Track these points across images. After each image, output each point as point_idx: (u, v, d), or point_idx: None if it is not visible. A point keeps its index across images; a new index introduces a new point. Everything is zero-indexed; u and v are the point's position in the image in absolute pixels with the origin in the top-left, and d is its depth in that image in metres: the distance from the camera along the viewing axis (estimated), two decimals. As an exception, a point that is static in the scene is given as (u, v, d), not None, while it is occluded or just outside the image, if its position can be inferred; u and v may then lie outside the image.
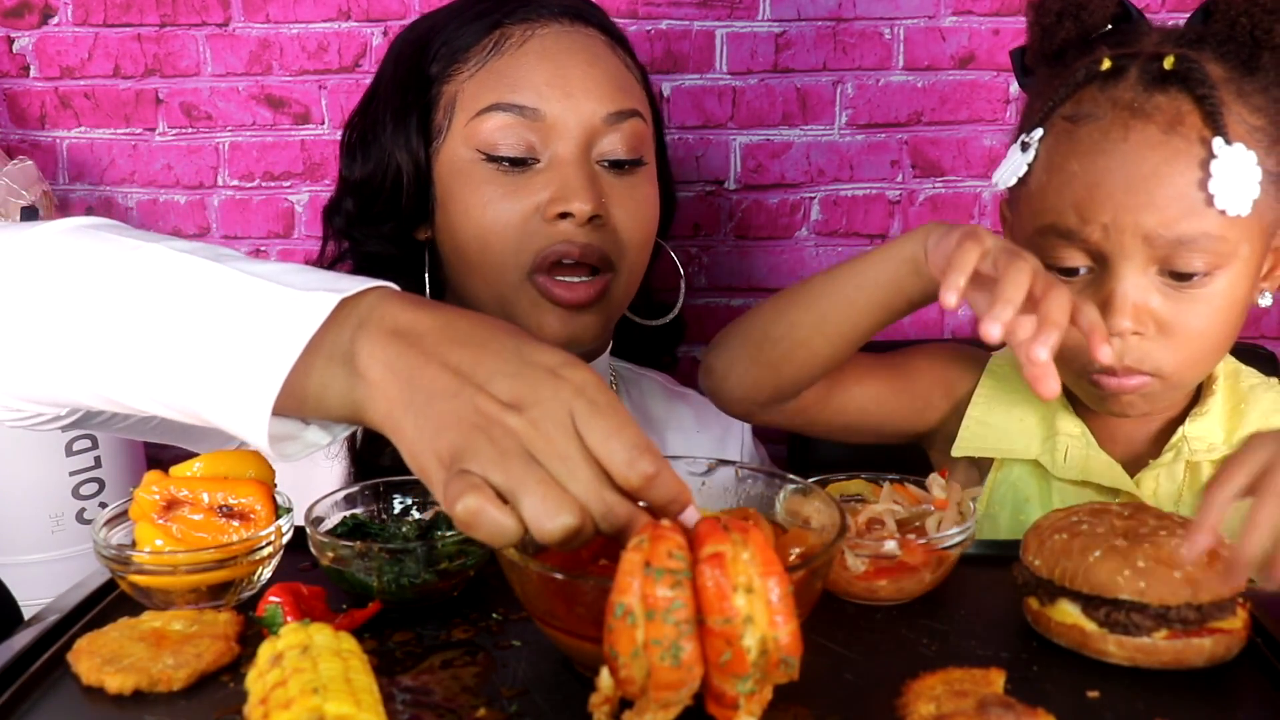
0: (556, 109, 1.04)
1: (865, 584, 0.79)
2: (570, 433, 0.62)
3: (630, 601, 0.58)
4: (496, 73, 1.05)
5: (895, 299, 0.91)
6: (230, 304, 0.69)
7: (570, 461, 0.61)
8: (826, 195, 1.73)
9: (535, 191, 1.04)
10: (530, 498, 0.60)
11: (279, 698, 0.59)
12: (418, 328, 0.67)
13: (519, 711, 0.66)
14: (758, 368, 0.99)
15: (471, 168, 1.05)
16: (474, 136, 1.05)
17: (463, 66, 1.06)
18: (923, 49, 1.68)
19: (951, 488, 0.84)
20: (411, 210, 1.09)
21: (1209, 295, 0.90)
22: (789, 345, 0.97)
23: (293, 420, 0.72)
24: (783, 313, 0.97)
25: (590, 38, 1.08)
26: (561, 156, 1.04)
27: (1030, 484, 1.03)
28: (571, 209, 1.02)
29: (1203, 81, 0.88)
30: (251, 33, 1.71)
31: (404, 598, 0.78)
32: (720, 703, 0.61)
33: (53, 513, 1.70)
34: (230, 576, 0.78)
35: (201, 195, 1.78)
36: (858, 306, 0.93)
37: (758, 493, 0.82)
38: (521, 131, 1.04)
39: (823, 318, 0.95)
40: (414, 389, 0.65)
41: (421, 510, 0.88)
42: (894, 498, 0.84)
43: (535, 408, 0.62)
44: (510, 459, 0.61)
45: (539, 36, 1.06)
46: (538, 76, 1.04)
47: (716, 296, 1.78)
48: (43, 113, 1.76)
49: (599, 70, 1.06)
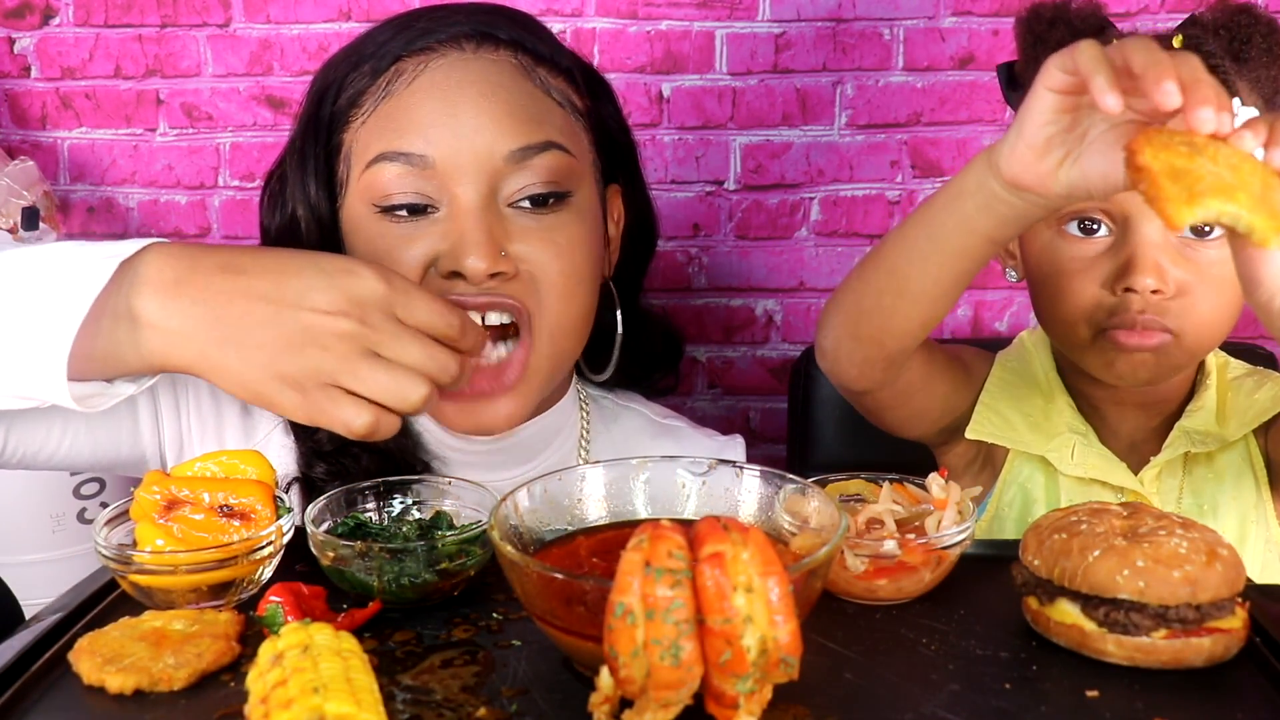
0: (445, 152, 0.93)
1: (865, 584, 0.79)
2: (391, 316, 0.74)
3: (630, 601, 0.58)
4: (385, 117, 0.95)
5: (971, 241, 0.85)
6: (21, 283, 0.75)
7: (401, 340, 0.74)
8: (826, 195, 1.73)
9: (424, 242, 0.94)
10: (387, 384, 0.73)
11: (279, 697, 0.59)
12: (198, 271, 0.74)
13: (519, 711, 0.66)
14: (863, 345, 0.96)
15: (367, 223, 0.96)
16: (366, 190, 0.95)
17: (357, 114, 0.97)
18: (922, 49, 1.68)
19: (951, 488, 0.84)
20: None
21: (1224, 259, 0.92)
22: (883, 317, 0.93)
23: (96, 382, 0.78)
24: (868, 283, 0.93)
25: (493, 63, 0.96)
26: (460, 203, 0.93)
27: (1038, 484, 1.05)
28: (462, 268, 0.92)
29: (1212, 54, 0.91)
30: (252, 33, 1.71)
31: (404, 598, 0.78)
32: (720, 702, 0.61)
33: (53, 512, 1.70)
34: (231, 576, 0.78)
35: (202, 195, 1.78)
36: (931, 259, 0.87)
37: (758, 493, 0.82)
38: (414, 180, 0.93)
39: (905, 281, 0.90)
40: (225, 325, 0.73)
41: (421, 511, 0.88)
42: (894, 498, 0.84)
43: (356, 308, 0.73)
44: (355, 360, 0.73)
45: (431, 70, 0.95)
46: (424, 117, 0.93)
47: (716, 296, 1.78)
48: (44, 113, 1.76)
49: (496, 103, 0.94)
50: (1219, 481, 1.03)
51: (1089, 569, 0.71)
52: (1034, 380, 1.08)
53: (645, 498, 0.83)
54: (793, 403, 1.56)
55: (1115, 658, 0.71)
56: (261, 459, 0.85)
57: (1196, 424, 1.02)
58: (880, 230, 1.74)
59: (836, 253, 1.75)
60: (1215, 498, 1.03)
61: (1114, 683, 0.69)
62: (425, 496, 0.89)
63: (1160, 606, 0.69)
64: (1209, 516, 1.02)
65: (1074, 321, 0.98)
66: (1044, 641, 0.74)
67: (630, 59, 1.69)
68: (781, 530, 0.78)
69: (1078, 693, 0.68)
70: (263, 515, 0.81)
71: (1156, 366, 0.97)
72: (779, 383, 1.80)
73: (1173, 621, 0.69)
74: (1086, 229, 0.95)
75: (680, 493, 0.83)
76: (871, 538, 0.79)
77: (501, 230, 0.94)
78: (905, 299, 0.91)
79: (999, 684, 0.69)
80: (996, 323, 1.76)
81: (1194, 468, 1.03)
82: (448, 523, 0.86)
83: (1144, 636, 0.70)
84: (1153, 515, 0.76)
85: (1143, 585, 0.70)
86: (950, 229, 0.85)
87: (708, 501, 0.82)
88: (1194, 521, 0.75)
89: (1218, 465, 1.03)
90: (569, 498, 0.81)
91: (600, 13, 1.68)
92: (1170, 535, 0.72)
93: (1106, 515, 0.76)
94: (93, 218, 1.79)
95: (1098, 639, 0.71)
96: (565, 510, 0.81)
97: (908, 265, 0.89)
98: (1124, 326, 0.95)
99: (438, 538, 0.81)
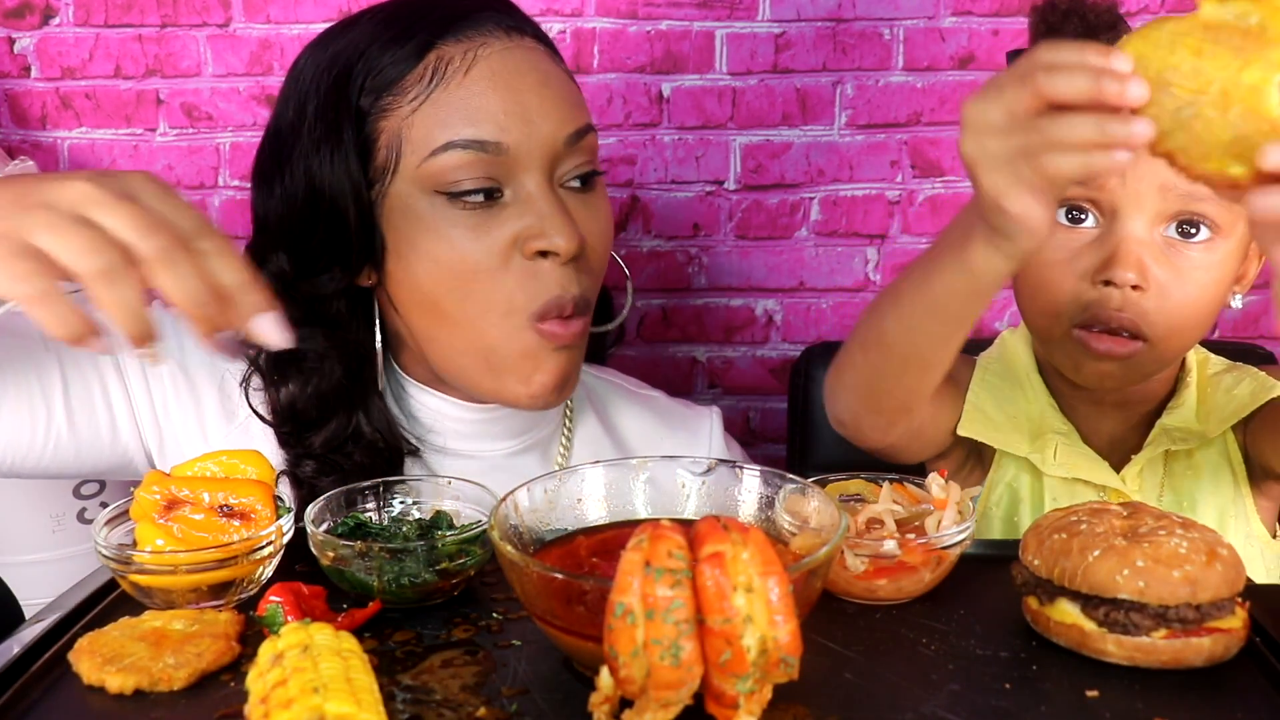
0: (517, 138, 0.95)
1: (865, 584, 0.79)
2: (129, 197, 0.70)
3: (630, 601, 0.58)
4: (444, 106, 0.95)
5: (982, 303, 0.84)
6: None
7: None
8: (826, 195, 1.73)
9: (505, 225, 0.96)
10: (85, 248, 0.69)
11: (279, 697, 0.59)
12: None
13: (519, 711, 0.66)
14: (885, 414, 0.97)
15: (428, 210, 0.96)
16: (429, 178, 0.95)
17: (399, 100, 0.96)
18: (922, 49, 1.68)
19: (950, 487, 0.84)
20: (358, 252, 0.99)
21: (1206, 264, 0.92)
22: (904, 391, 0.94)
23: None
24: (878, 367, 0.92)
25: (533, 52, 1.00)
26: (528, 188, 0.97)
27: (1024, 484, 1.05)
28: (554, 246, 0.95)
29: None
30: (252, 33, 1.71)
31: (404, 597, 0.78)
32: (720, 702, 0.61)
33: (53, 512, 1.70)
34: (231, 576, 0.78)
35: (202, 195, 1.78)
36: (944, 335, 0.88)
37: (758, 493, 0.82)
38: (483, 166, 0.95)
39: (922, 359, 0.90)
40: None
41: (421, 510, 0.88)
42: (893, 497, 0.84)
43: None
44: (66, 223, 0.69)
45: (483, 59, 0.97)
46: (493, 105, 0.95)
47: (716, 296, 1.78)
48: (44, 113, 1.76)
49: (553, 90, 0.98)
50: (1197, 477, 1.03)
51: (1089, 569, 0.71)
52: (1015, 379, 1.08)
53: (645, 498, 0.83)
54: (793, 403, 1.56)
55: (1115, 658, 0.71)
56: (261, 459, 0.85)
57: (1176, 421, 1.02)
58: (880, 230, 1.74)
59: (836, 253, 1.75)
60: (1194, 494, 1.03)
61: (1114, 683, 0.69)
62: (425, 496, 0.89)
63: (1160, 606, 0.69)
64: (1188, 513, 1.02)
65: (1051, 314, 0.98)
66: (1044, 641, 0.74)
67: (630, 59, 1.69)
68: (781, 530, 0.78)
69: (1078, 693, 0.68)
70: (263, 515, 0.81)
71: (1123, 375, 0.98)
72: (779, 383, 1.80)
73: (1173, 621, 0.70)
74: (1074, 218, 0.94)
75: (680, 493, 0.83)
76: (871, 538, 0.79)
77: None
78: (927, 372, 0.91)
79: (999, 684, 0.69)
80: (997, 322, 1.76)
81: (1173, 464, 1.03)
82: (448, 523, 0.86)
83: (1144, 636, 0.70)
84: (1153, 515, 0.76)
85: (1143, 585, 0.70)
86: (958, 308, 0.84)
87: (708, 501, 0.82)
88: (1194, 521, 0.75)
89: (1196, 461, 1.04)
90: (569, 497, 0.81)
91: (600, 13, 1.68)
92: (1170, 535, 0.72)
93: (1106, 515, 0.76)
94: (93, 218, 1.80)
95: (1098, 639, 0.71)
96: (565, 510, 0.81)
97: (918, 343, 0.88)
98: (1099, 324, 0.95)
99: (438, 538, 0.81)
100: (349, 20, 1.02)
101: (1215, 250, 0.93)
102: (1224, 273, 0.95)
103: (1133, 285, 0.92)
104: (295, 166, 0.99)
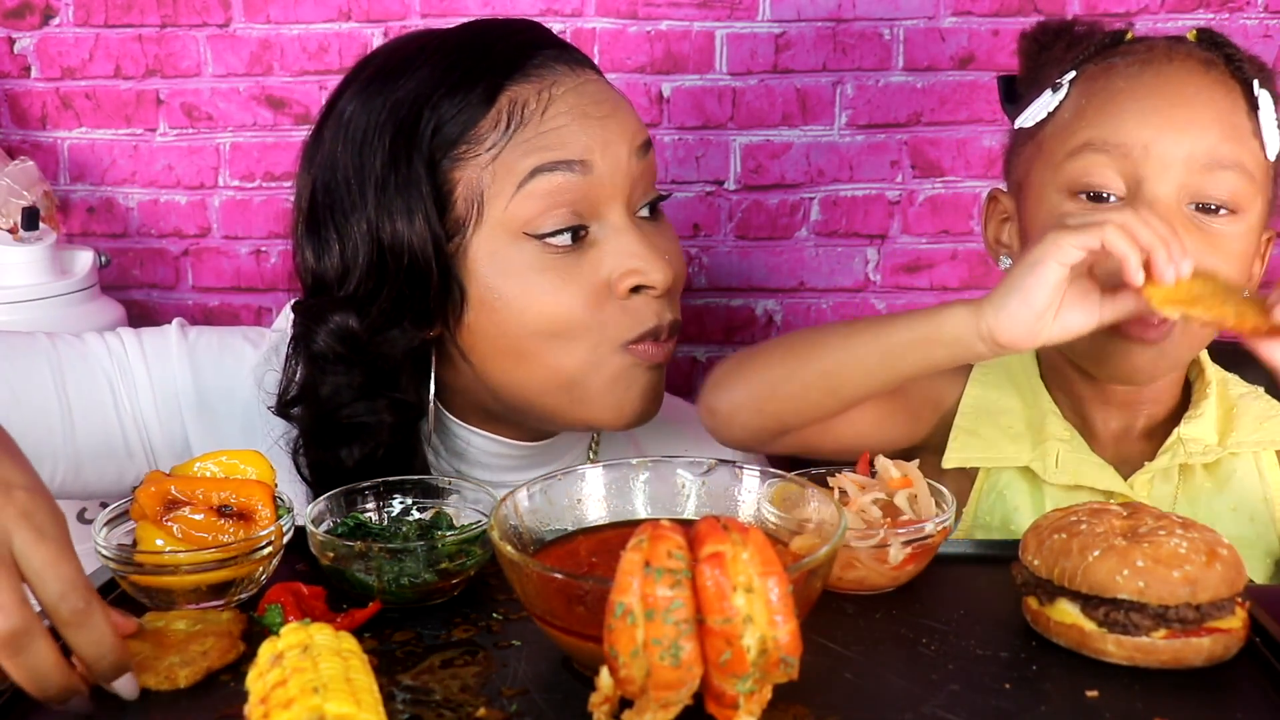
0: (600, 162, 0.95)
1: (894, 574, 0.79)
2: (5, 558, 0.62)
3: (630, 601, 0.58)
4: (525, 145, 0.94)
5: (928, 371, 0.90)
6: None
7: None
8: (826, 195, 1.73)
9: (595, 266, 0.96)
10: None
11: (279, 697, 0.59)
12: None
13: (519, 711, 0.66)
14: (764, 418, 0.97)
15: (516, 256, 0.95)
16: (517, 219, 0.94)
17: (475, 149, 0.94)
18: (922, 49, 1.68)
19: (903, 465, 0.85)
20: (436, 307, 0.97)
21: (1232, 235, 0.92)
22: (798, 403, 0.95)
23: None
24: (794, 371, 0.94)
25: (598, 84, 1.00)
26: (612, 223, 0.97)
27: (1019, 491, 1.02)
28: (651, 281, 0.96)
29: (1229, 44, 0.93)
30: (252, 33, 1.71)
31: (404, 598, 0.78)
32: (720, 702, 0.61)
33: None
34: (231, 576, 0.78)
35: (202, 195, 1.78)
36: (876, 376, 0.90)
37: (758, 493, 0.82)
38: (571, 194, 0.94)
39: (840, 382, 0.92)
40: None
41: (421, 510, 0.88)
42: (860, 483, 0.85)
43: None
44: None
45: (558, 97, 0.96)
46: (576, 133, 0.95)
47: (716, 296, 1.78)
48: (44, 113, 1.76)
49: (621, 117, 0.99)
50: (1218, 491, 1.01)
51: (1089, 569, 0.71)
52: (1014, 385, 1.05)
53: (645, 498, 0.83)
54: (793, 403, 1.56)
55: (1115, 658, 0.71)
56: (262, 459, 0.85)
57: (1194, 432, 0.99)
58: (880, 230, 1.74)
59: (836, 253, 1.75)
60: (1212, 506, 1.01)
61: (1114, 683, 0.69)
62: (425, 496, 0.89)
63: (1160, 606, 0.69)
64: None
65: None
66: (1044, 641, 0.74)
67: (630, 59, 1.68)
68: (765, 523, 0.78)
69: (1078, 693, 0.68)
70: (263, 515, 0.81)
71: (1154, 366, 0.95)
72: (779, 383, 1.80)
73: (1172, 621, 0.69)
74: (1097, 197, 0.92)
75: (680, 493, 0.83)
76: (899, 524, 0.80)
77: None
78: (834, 398, 0.92)
79: (999, 684, 0.69)
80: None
81: (1190, 475, 1.01)
82: (448, 523, 0.86)
83: (1144, 636, 0.70)
84: (1152, 515, 0.76)
85: (1142, 585, 0.70)
86: (910, 363, 0.88)
87: (708, 501, 0.82)
88: (1194, 521, 0.75)
89: (1217, 475, 1.01)
90: (569, 498, 0.81)
91: (600, 13, 1.68)
92: (1170, 535, 0.72)
93: (1106, 515, 0.76)
94: (93, 218, 1.79)
95: (1098, 639, 0.71)
96: (565, 510, 0.81)
97: (849, 373, 0.91)
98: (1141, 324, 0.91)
99: (438, 538, 0.81)
100: (398, 61, 0.99)
101: (1239, 223, 0.92)
102: (1249, 244, 0.94)
103: None
104: (359, 223, 0.95)
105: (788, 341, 0.98)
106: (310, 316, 0.99)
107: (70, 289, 1.59)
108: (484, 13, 1.67)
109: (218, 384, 1.05)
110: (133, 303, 1.78)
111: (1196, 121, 0.90)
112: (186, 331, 1.09)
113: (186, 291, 1.81)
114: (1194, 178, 0.89)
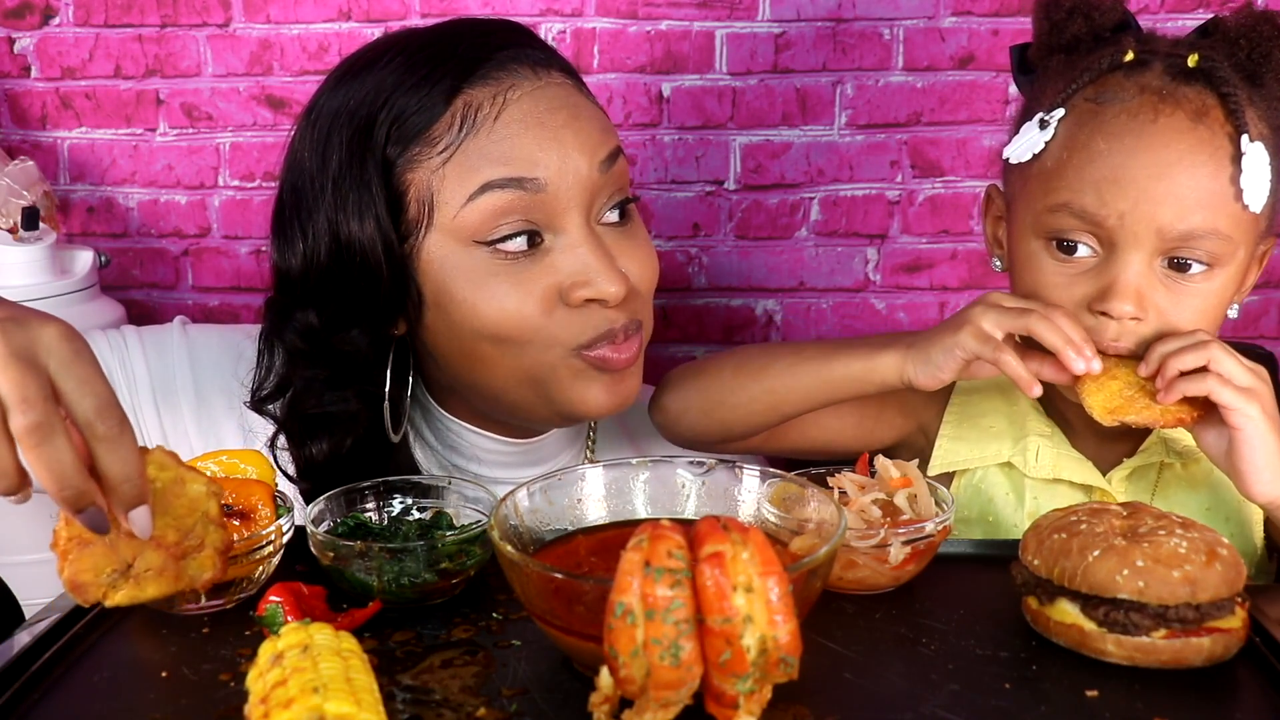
0: (554, 174, 0.93)
1: (895, 573, 0.79)
2: (40, 365, 0.64)
3: (630, 601, 0.58)
4: (475, 154, 0.93)
5: (855, 398, 0.99)
6: None
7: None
8: (826, 195, 1.73)
9: (548, 273, 0.95)
10: None
11: (279, 697, 0.59)
12: None
13: (519, 711, 0.66)
14: (709, 421, 1.04)
15: (467, 261, 0.94)
16: (467, 229, 0.93)
17: (428, 151, 0.93)
18: (922, 49, 1.68)
19: (903, 465, 0.86)
20: (391, 306, 0.97)
21: (1205, 291, 0.92)
22: (744, 413, 1.02)
23: None
24: (743, 385, 1.01)
25: (561, 87, 0.98)
26: (569, 232, 0.95)
27: (997, 485, 1.03)
28: (602, 294, 0.94)
29: (1226, 80, 0.90)
30: (252, 33, 1.71)
31: (404, 597, 0.78)
32: (720, 702, 0.61)
33: (53, 512, 1.69)
34: (231, 576, 0.78)
35: (202, 195, 1.78)
36: (815, 399, 0.99)
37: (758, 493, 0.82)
38: (522, 207, 0.93)
39: (782, 400, 1.00)
40: None
41: (421, 510, 0.88)
42: (860, 485, 0.85)
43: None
44: None
45: (513, 102, 0.94)
46: (528, 145, 0.93)
47: (716, 296, 1.78)
48: (44, 113, 1.76)
49: (583, 123, 0.96)
50: (1193, 490, 1.02)
51: (1089, 569, 0.71)
52: (996, 383, 1.06)
53: (645, 498, 0.83)
54: (793, 403, 1.56)
55: (1115, 658, 0.71)
56: (262, 459, 0.85)
57: (1174, 432, 1.00)
58: (880, 230, 1.74)
59: (836, 253, 1.75)
60: (1188, 505, 1.01)
61: (1114, 683, 0.69)
62: (425, 496, 0.89)
63: (1160, 606, 0.69)
64: None
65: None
66: (1044, 641, 0.74)
67: (630, 59, 1.68)
68: (768, 524, 0.78)
69: (1078, 693, 0.68)
70: (263, 515, 0.81)
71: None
72: (779, 383, 1.80)
73: (1172, 621, 0.70)
74: (1068, 246, 0.93)
75: (680, 493, 0.83)
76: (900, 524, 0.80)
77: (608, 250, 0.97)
78: (776, 413, 1.01)
79: (999, 684, 0.69)
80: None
81: (1168, 474, 1.02)
82: (448, 523, 0.86)
83: (1144, 636, 0.70)
84: (1152, 515, 0.76)
85: (1142, 585, 0.70)
86: (845, 392, 0.98)
87: (707, 501, 0.83)
88: (1194, 521, 0.75)
89: (1194, 474, 1.02)
90: (569, 498, 0.81)
91: (600, 13, 1.68)
92: (1170, 535, 0.72)
93: (1106, 515, 0.76)
94: (93, 218, 1.79)
95: (1097, 639, 0.71)
96: (565, 510, 0.81)
97: (790, 394, 0.99)
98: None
99: (438, 538, 0.81)
100: (366, 59, 0.98)
101: (1213, 279, 0.92)
102: (1223, 297, 0.94)
103: (1131, 317, 0.91)
104: (319, 221, 0.96)
105: (741, 355, 1.05)
106: (276, 312, 1.00)
107: (70, 289, 1.59)
108: (484, 13, 1.67)
109: (218, 381, 1.05)
110: (133, 302, 1.78)
111: (1174, 194, 0.88)
112: (188, 328, 1.09)
113: (186, 291, 1.81)
114: (1168, 244, 0.90)
